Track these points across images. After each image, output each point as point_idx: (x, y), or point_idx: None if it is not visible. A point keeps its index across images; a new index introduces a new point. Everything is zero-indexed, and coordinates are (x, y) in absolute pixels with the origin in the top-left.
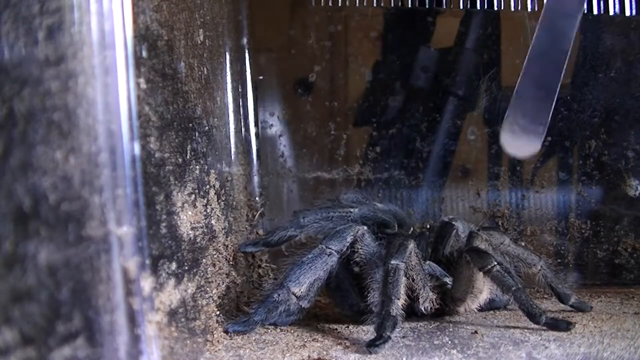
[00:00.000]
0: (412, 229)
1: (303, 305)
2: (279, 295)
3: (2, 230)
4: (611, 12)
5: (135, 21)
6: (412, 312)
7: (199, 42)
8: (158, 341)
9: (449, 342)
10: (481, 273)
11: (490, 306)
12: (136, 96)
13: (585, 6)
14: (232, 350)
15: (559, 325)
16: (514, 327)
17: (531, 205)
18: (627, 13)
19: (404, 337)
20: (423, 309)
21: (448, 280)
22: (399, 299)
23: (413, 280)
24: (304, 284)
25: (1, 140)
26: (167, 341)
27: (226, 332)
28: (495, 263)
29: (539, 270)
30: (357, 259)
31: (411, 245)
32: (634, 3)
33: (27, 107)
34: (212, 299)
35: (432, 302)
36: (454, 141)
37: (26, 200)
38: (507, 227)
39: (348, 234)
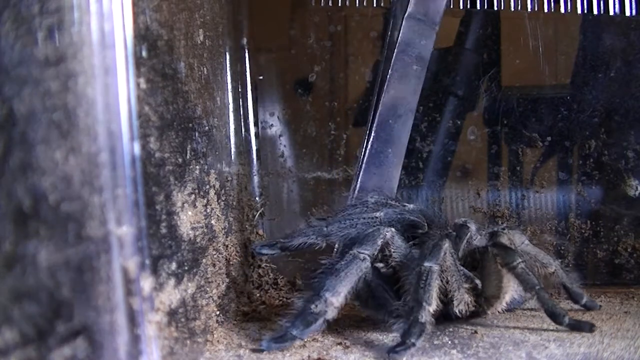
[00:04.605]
0: (441, 228)
1: (327, 318)
2: (316, 306)
3: (2, 230)
4: (611, 12)
5: (135, 21)
6: (446, 315)
7: (199, 42)
8: (158, 341)
9: (449, 342)
10: (505, 269)
11: (511, 307)
12: (136, 96)
13: None
14: (232, 350)
15: (582, 326)
16: (514, 327)
17: (531, 205)
18: (627, 13)
19: None
20: (457, 312)
21: (477, 281)
22: (430, 305)
23: (447, 282)
24: (341, 292)
25: (1, 140)
26: (167, 341)
27: (260, 350)
28: (520, 260)
29: (554, 270)
30: (390, 262)
31: (446, 245)
32: (634, 3)
33: (27, 107)
34: (212, 299)
35: (467, 304)
36: (454, 141)
37: (26, 200)
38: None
39: (378, 237)
